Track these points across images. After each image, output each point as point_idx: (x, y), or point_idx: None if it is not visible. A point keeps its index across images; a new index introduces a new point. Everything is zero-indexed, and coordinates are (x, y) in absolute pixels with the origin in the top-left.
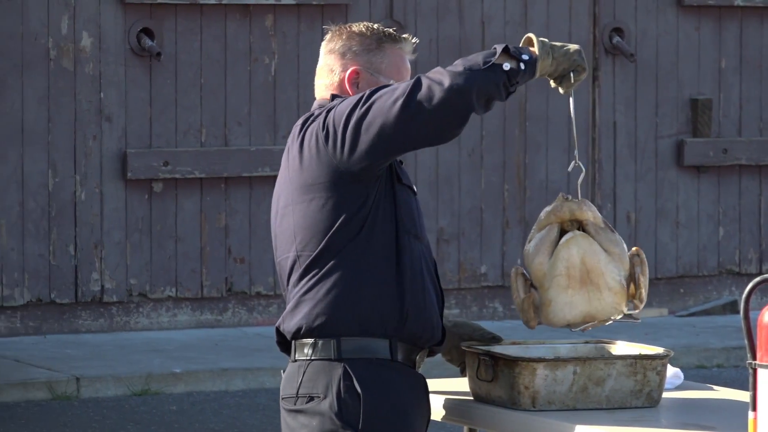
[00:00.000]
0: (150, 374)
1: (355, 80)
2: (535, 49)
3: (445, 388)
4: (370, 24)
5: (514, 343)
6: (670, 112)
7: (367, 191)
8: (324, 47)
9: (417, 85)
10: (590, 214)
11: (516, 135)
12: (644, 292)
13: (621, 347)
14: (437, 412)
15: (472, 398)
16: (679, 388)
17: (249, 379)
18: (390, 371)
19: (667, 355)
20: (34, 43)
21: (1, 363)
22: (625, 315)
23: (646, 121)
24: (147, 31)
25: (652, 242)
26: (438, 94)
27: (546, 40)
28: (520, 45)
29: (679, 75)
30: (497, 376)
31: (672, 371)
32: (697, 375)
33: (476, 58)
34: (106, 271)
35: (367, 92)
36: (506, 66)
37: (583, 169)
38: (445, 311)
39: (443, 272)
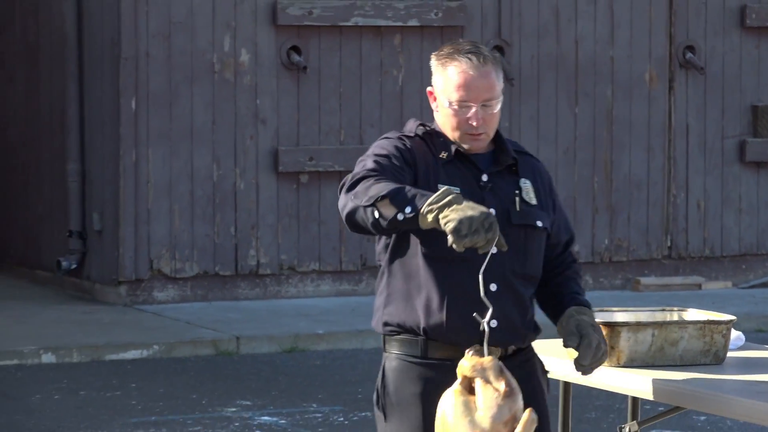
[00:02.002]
0: (297, 335)
1: (432, 100)
2: (423, 206)
3: (546, 351)
4: (451, 44)
5: (601, 311)
6: (733, 116)
7: None
8: None
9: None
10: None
11: (604, 136)
12: None
13: (692, 314)
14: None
15: (568, 358)
16: (741, 348)
17: (380, 339)
18: (412, 365)
19: (731, 321)
20: (201, 58)
21: (174, 325)
22: None
23: (713, 124)
24: (295, 49)
25: (719, 226)
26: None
27: (444, 201)
28: (439, 192)
29: (741, 85)
30: None
31: (735, 334)
32: (756, 338)
33: (374, 192)
34: (261, 248)
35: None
36: (376, 214)
37: (490, 307)
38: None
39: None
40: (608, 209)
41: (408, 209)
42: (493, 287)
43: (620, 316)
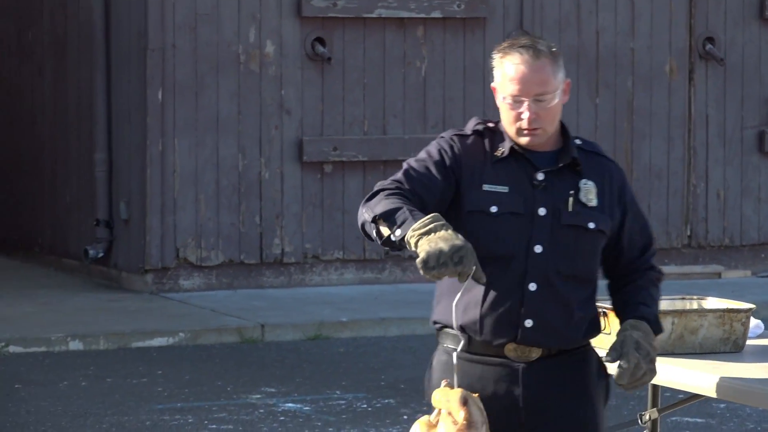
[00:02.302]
0: (321, 322)
1: (496, 97)
2: (408, 231)
3: None
4: (511, 39)
5: None
6: (753, 107)
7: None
8: None
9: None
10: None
11: (624, 126)
12: None
13: (712, 302)
14: None
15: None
16: (760, 336)
17: (403, 326)
18: (457, 359)
19: (750, 309)
20: (227, 50)
21: (199, 312)
22: None
23: (733, 115)
24: (320, 40)
25: (738, 215)
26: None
27: (423, 230)
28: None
29: (761, 76)
30: (609, 326)
31: (754, 323)
32: None
33: (379, 209)
34: (286, 237)
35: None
36: (375, 231)
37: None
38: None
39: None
40: None
41: (397, 232)
42: (532, 287)
43: None
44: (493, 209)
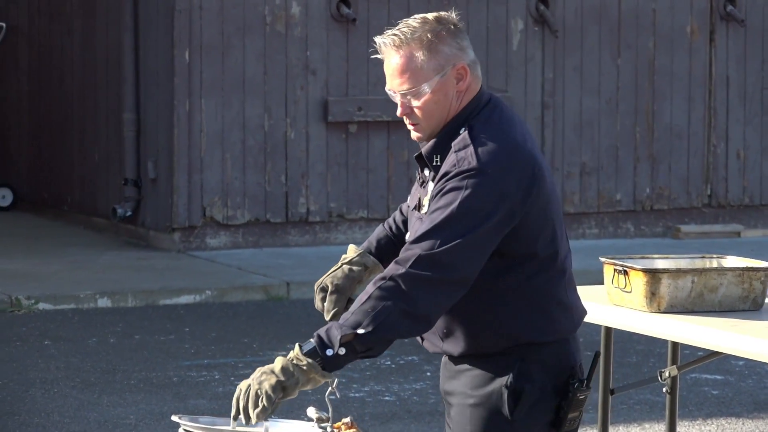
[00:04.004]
0: None
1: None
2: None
3: (586, 296)
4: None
5: (642, 257)
6: None
7: None
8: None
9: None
10: None
11: (646, 86)
12: None
13: (731, 261)
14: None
15: (609, 303)
16: None
17: None
18: None
19: None
20: (253, 11)
21: (226, 270)
22: None
23: (753, 75)
24: (344, 1)
25: (758, 175)
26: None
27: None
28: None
29: None
30: (630, 284)
31: None
32: None
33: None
34: (311, 196)
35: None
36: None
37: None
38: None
39: (586, 199)
40: (650, 158)
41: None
42: None
43: (661, 263)
44: (408, 202)
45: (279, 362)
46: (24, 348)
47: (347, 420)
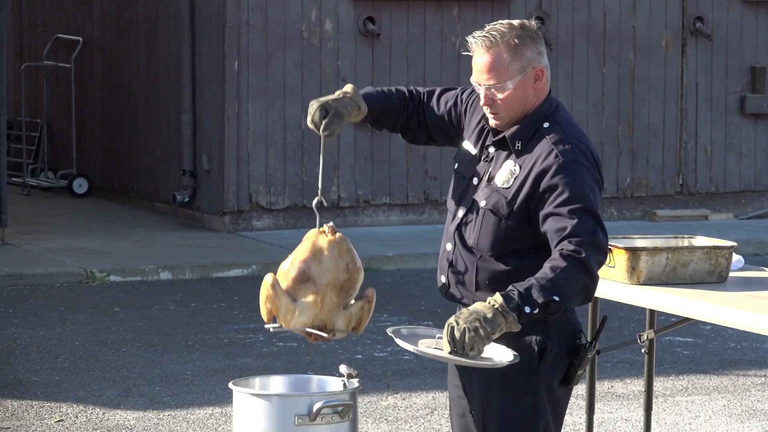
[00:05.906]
0: (371, 256)
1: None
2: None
3: None
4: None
5: (624, 237)
6: (735, 76)
7: None
8: None
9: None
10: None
11: (627, 92)
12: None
13: (700, 240)
14: None
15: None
16: (740, 269)
17: None
18: None
19: (732, 246)
20: (292, 27)
21: (269, 248)
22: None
23: (718, 82)
24: (370, 19)
25: (722, 167)
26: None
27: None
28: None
29: (742, 50)
30: (614, 260)
31: (736, 258)
32: (753, 261)
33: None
34: (342, 185)
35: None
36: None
37: (325, 204)
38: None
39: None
40: (630, 153)
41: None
42: (449, 246)
43: (640, 242)
44: (455, 165)
45: (487, 311)
46: (97, 314)
47: (331, 224)
